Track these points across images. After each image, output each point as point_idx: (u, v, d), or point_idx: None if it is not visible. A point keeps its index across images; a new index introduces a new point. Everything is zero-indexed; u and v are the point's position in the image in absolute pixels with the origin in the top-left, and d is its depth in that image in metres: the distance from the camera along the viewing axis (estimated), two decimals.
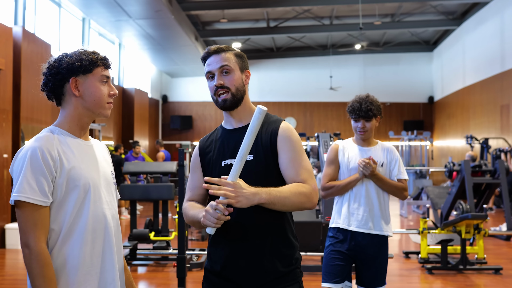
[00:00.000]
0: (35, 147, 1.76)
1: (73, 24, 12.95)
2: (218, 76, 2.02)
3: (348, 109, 3.33)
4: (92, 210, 1.83)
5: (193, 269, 6.12)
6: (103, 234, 1.87)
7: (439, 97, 19.68)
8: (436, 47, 19.95)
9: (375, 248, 3.20)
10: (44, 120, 9.70)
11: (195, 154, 2.14)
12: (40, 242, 1.72)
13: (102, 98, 1.89)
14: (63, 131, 1.87)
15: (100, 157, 1.97)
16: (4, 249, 7.45)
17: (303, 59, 20.53)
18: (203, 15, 15.56)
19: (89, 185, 1.83)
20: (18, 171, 1.75)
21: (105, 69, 1.91)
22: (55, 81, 1.86)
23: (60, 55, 1.89)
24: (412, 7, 15.46)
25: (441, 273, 6.05)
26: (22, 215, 1.73)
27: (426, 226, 6.37)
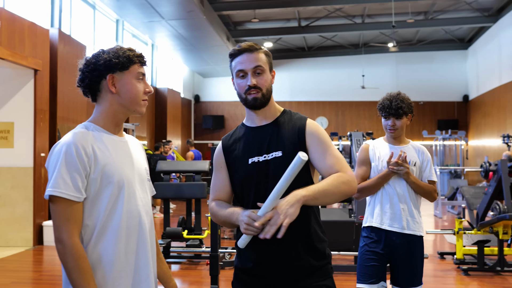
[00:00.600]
0: (70, 142, 1.76)
1: (107, 26, 13.17)
2: (251, 76, 2.01)
3: (379, 106, 3.30)
4: (126, 206, 1.82)
5: (225, 267, 6.16)
6: (137, 231, 1.86)
7: (474, 95, 19.29)
8: (471, 44, 19.56)
9: (410, 248, 3.16)
10: (80, 119, 9.88)
11: (219, 153, 2.13)
12: (73, 237, 1.72)
13: (138, 95, 1.88)
14: (98, 127, 1.86)
15: (134, 153, 1.96)
16: (42, 246, 7.63)
17: (335, 58, 20.41)
18: (234, 15, 15.61)
19: (123, 181, 1.82)
20: (53, 166, 1.76)
21: (141, 66, 1.91)
22: (92, 77, 1.86)
23: (97, 51, 1.88)
24: (446, 4, 15.19)
25: (477, 274, 5.93)
26: (55, 210, 1.73)
27: (461, 227, 6.26)
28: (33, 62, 7.61)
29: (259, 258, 1.98)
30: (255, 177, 1.99)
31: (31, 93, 7.72)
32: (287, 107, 2.16)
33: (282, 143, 2.00)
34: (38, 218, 7.72)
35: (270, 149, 2.01)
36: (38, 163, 7.73)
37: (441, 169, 14.84)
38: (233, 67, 2.05)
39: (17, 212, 7.55)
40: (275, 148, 2.00)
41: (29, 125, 7.70)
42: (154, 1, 11.18)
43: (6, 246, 7.48)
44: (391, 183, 3.19)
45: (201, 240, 6.72)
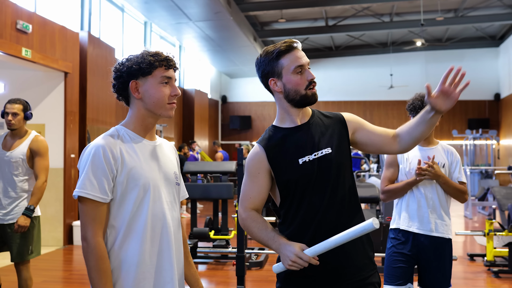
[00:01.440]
0: (98, 145, 1.83)
1: (136, 28, 13.34)
2: (309, 71, 2.02)
3: (409, 107, 3.26)
4: (152, 209, 1.87)
5: (252, 267, 6.17)
6: (161, 233, 1.89)
7: (506, 94, 18.89)
8: (502, 42, 19.16)
9: (438, 250, 3.12)
10: (109, 121, 10.03)
11: (258, 158, 2.03)
12: (97, 236, 1.79)
13: (161, 99, 1.90)
14: (128, 131, 1.93)
15: (164, 157, 2.00)
16: (72, 245, 7.78)
17: (363, 58, 20.25)
18: (261, 16, 15.63)
19: (149, 184, 1.87)
20: (82, 167, 1.83)
21: (166, 69, 1.92)
22: (119, 84, 1.94)
23: (124, 58, 1.95)
24: (476, 1, 14.92)
25: (508, 277, 5.82)
26: (82, 210, 1.81)
27: (492, 228, 6.14)
28: (64, 65, 7.76)
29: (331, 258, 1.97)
30: (308, 177, 1.97)
31: (61, 95, 7.87)
32: (315, 107, 2.16)
33: (329, 139, 2.01)
34: (68, 218, 7.87)
35: (319, 147, 2.00)
36: (68, 164, 7.88)
37: (472, 169, 14.58)
38: (286, 65, 1.99)
39: (48, 212, 7.70)
40: (324, 145, 2.00)
41: (60, 127, 7.85)
42: (181, 3, 11.28)
43: None
44: (419, 185, 3.16)
45: (227, 241, 6.75)
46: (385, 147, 2.05)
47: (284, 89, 2.01)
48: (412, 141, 2.00)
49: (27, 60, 6.99)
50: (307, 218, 1.98)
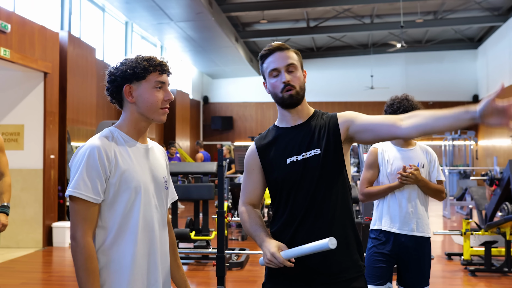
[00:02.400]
0: (94, 146, 1.85)
1: (117, 28, 13.27)
2: (285, 74, 2.01)
3: (387, 109, 3.31)
4: (142, 212, 1.89)
5: (232, 268, 6.19)
6: (149, 237, 1.92)
7: (484, 95, 19.17)
8: (481, 44, 19.45)
9: (418, 249, 3.18)
10: (89, 121, 9.97)
11: (252, 155, 2.12)
12: (86, 236, 1.80)
13: (155, 104, 1.93)
14: (122, 133, 1.95)
15: (155, 161, 2.02)
16: (52, 247, 7.71)
17: (344, 59, 20.39)
18: (243, 17, 15.65)
19: (140, 188, 1.90)
20: (76, 167, 1.84)
21: (160, 74, 1.95)
22: (112, 88, 1.95)
23: (119, 62, 1.98)
24: (455, 4, 15.13)
25: (484, 275, 5.92)
26: (74, 209, 1.82)
27: (469, 227, 6.25)
28: (43, 65, 7.70)
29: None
30: (293, 177, 2.00)
31: (41, 95, 7.81)
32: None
33: (320, 141, 2.00)
34: (48, 220, 7.81)
35: (310, 147, 2.01)
36: (47, 165, 7.82)
37: (450, 170, 14.78)
38: (265, 68, 2.06)
39: (27, 213, 7.63)
40: (313, 146, 2.00)
41: (39, 128, 7.79)
42: (163, 3, 11.25)
43: (16, 247, 7.58)
44: None
45: (208, 241, 6.76)
46: (382, 131, 1.92)
47: (270, 92, 2.08)
48: (424, 130, 1.82)
49: (5, 60, 6.92)
50: (290, 218, 2.01)
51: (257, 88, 20.18)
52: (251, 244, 7.74)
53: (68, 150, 8.85)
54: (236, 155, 10.52)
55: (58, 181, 8.19)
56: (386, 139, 2.01)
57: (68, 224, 7.81)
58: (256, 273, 6.24)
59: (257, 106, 20.53)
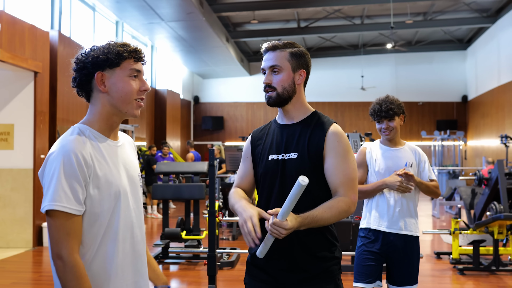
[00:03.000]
0: (68, 150, 1.63)
1: (107, 27, 13.24)
2: (267, 75, 2.08)
3: (370, 112, 3.39)
4: (122, 219, 1.74)
5: (223, 267, 6.21)
6: (131, 243, 1.78)
7: (473, 96, 19.34)
8: (470, 45, 19.61)
9: (407, 248, 3.22)
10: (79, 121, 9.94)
11: (248, 144, 2.19)
12: (74, 253, 1.61)
13: (130, 93, 1.74)
14: (94, 131, 1.74)
15: (128, 159, 1.86)
16: (42, 247, 7.69)
17: (334, 59, 20.47)
18: (234, 17, 15.67)
19: (119, 192, 1.73)
20: (49, 176, 1.62)
21: (135, 62, 1.77)
22: (81, 76, 1.74)
23: (88, 48, 1.77)
24: (445, 5, 15.25)
25: (473, 274, 5.99)
26: (54, 225, 1.60)
27: (457, 227, 6.31)
28: (33, 64, 7.67)
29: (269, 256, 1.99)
30: (272, 174, 2.06)
31: (31, 95, 7.78)
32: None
33: (301, 145, 2.03)
34: (38, 220, 7.78)
35: (288, 149, 2.05)
36: (38, 165, 7.79)
37: (440, 170, 14.89)
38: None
39: (17, 213, 7.60)
40: (292, 149, 2.04)
41: (29, 127, 7.76)
42: (153, 3, 11.24)
43: (6, 247, 7.54)
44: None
45: (199, 241, 6.78)
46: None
47: None
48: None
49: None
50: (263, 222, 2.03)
51: (247, 88, 20.21)
52: (241, 243, 7.76)
53: None
54: (227, 155, 10.52)
55: None
56: None
57: None
58: None
59: (248, 106, 20.54)
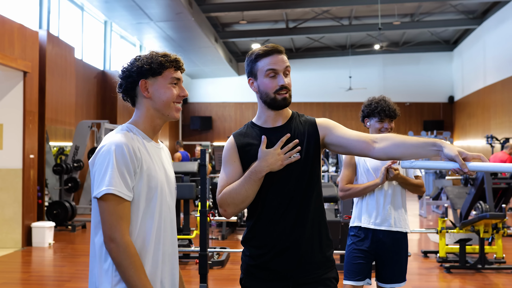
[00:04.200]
0: (120, 142, 1.81)
1: (96, 27, 13.20)
2: (283, 76, 2.08)
3: (365, 109, 3.39)
4: (158, 211, 1.89)
5: (213, 266, 6.25)
6: (164, 237, 1.92)
7: (459, 96, 19.55)
8: (456, 46, 19.82)
9: (396, 245, 3.27)
10: (68, 121, 9.93)
11: (231, 148, 2.13)
12: (126, 235, 1.77)
13: (170, 98, 1.93)
14: (139, 131, 1.93)
15: (167, 161, 2.04)
16: (31, 247, 7.67)
17: (322, 60, 20.58)
18: (222, 17, 15.70)
19: (157, 187, 1.88)
20: (104, 165, 1.79)
21: (175, 71, 1.95)
22: (127, 84, 1.94)
23: (134, 58, 1.96)
24: (432, 7, 15.41)
25: (459, 272, 6.09)
26: (107, 209, 1.76)
27: (444, 226, 6.41)
28: (23, 64, 7.65)
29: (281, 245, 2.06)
30: (275, 178, 2.05)
31: (20, 95, 7.75)
32: None
33: (300, 144, 2.06)
34: (27, 220, 7.76)
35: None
36: (27, 165, 7.77)
37: (426, 170, 15.03)
38: (260, 67, 2.08)
39: (6, 213, 7.58)
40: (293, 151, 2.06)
41: (19, 127, 7.73)
42: (142, 3, 11.25)
43: None
44: None
45: (190, 240, 6.81)
46: (355, 148, 2.06)
47: (258, 90, 2.12)
48: (393, 156, 1.98)
49: None
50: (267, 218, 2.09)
51: (236, 89, 20.25)
52: (231, 243, 7.81)
53: (46, 150, 8.80)
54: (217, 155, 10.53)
55: (37, 181, 8.14)
56: (357, 155, 2.15)
57: (48, 225, 7.77)
58: (237, 271, 6.31)
59: (236, 106, 20.58)
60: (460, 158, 1.71)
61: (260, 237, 2.11)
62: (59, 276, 6.20)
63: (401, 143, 1.93)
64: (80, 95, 11.79)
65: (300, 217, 2.07)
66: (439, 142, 1.81)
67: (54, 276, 6.27)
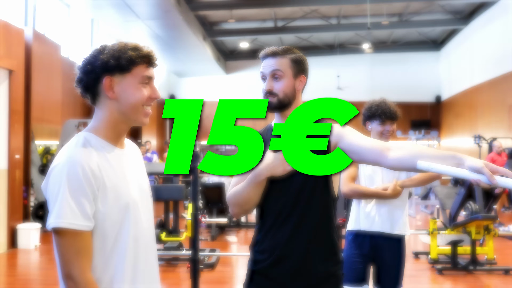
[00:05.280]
0: (74, 161, 1.51)
1: (82, 25, 13.03)
2: (268, 81, 2.03)
3: (366, 112, 3.33)
4: (133, 232, 1.61)
5: (204, 269, 6.17)
6: (144, 259, 1.65)
7: (446, 96, 19.64)
8: (443, 46, 19.90)
9: (394, 249, 3.23)
10: (54, 120, 9.77)
11: None
12: (86, 272, 1.50)
13: (140, 101, 1.63)
14: (100, 140, 1.63)
15: (136, 167, 1.74)
16: (16, 249, 7.53)
17: (310, 59, 19.79)
18: (211, 15, 15.60)
19: (129, 204, 1.60)
20: (55, 190, 1.50)
21: (147, 68, 1.65)
22: (88, 79, 1.62)
23: (97, 49, 1.64)
24: (420, 7, 15.44)
25: (451, 273, 6.07)
26: (62, 243, 1.49)
27: (436, 227, 6.39)
28: (8, 63, 7.50)
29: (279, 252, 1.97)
30: (278, 181, 1.97)
31: (5, 94, 7.60)
32: None
33: None
34: (12, 221, 7.61)
35: None
36: (12, 165, 7.62)
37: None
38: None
39: None
40: None
41: (3, 127, 7.58)
42: (130, 1, 11.12)
43: None
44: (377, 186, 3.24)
45: (180, 242, 6.72)
46: (368, 157, 1.89)
47: None
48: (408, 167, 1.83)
49: None
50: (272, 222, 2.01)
51: (224, 87, 20.14)
52: (221, 244, 7.74)
53: (32, 149, 8.65)
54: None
55: (23, 181, 7.99)
56: (370, 164, 2.04)
57: (34, 226, 7.63)
58: (227, 274, 6.25)
59: None
60: (487, 169, 1.62)
61: (262, 242, 2.04)
62: (46, 279, 6.07)
63: (418, 154, 1.78)
64: (67, 93, 11.61)
65: (301, 226, 1.98)
66: (460, 155, 1.71)
67: (40, 280, 6.15)
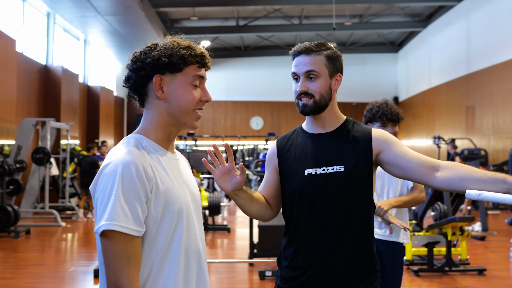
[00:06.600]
0: (128, 162, 1.41)
1: (38, 19, 12.48)
2: (303, 81, 1.84)
3: (368, 114, 3.20)
4: (185, 240, 1.51)
5: None
6: (196, 269, 1.54)
7: (404, 97, 19.98)
8: (401, 48, 20.24)
9: (392, 255, 3.12)
10: (9, 119, 9.28)
11: (273, 153, 1.95)
12: (135, 282, 1.39)
13: (190, 103, 1.54)
14: (151, 142, 1.54)
15: (187, 174, 1.64)
16: None
17: (271, 58, 20.49)
18: (173, 12, 15.31)
19: (182, 210, 1.50)
20: (106, 191, 1.40)
21: (199, 68, 1.56)
22: (137, 78, 1.53)
23: (148, 46, 1.56)
24: (381, 8, 15.62)
25: (427, 275, 6.05)
26: (112, 248, 1.38)
27: (411, 228, 6.37)
28: None
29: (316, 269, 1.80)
30: (311, 191, 1.80)
31: None
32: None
33: (345, 157, 1.81)
34: None
35: (330, 162, 1.81)
36: None
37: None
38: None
39: None
40: (336, 162, 1.81)
41: None
42: None
43: None
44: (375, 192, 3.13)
45: None
46: (414, 175, 1.78)
47: None
48: (455, 189, 1.73)
49: None
50: (304, 235, 1.82)
51: None
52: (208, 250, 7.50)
53: None
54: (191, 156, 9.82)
55: None
56: (415, 182, 1.86)
57: None
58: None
59: None
60: None
61: (293, 258, 1.83)
62: None
63: (466, 177, 1.68)
64: (21, 91, 11.08)
65: (339, 240, 1.79)
66: (510, 179, 1.60)
67: None
